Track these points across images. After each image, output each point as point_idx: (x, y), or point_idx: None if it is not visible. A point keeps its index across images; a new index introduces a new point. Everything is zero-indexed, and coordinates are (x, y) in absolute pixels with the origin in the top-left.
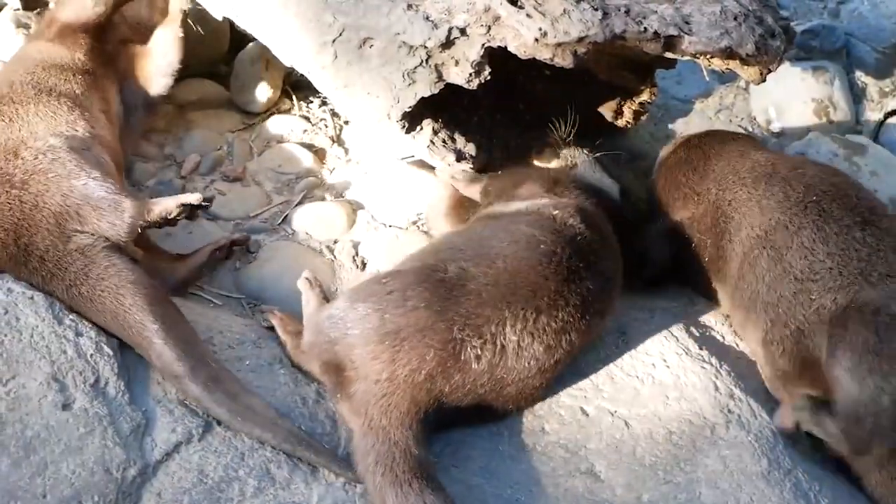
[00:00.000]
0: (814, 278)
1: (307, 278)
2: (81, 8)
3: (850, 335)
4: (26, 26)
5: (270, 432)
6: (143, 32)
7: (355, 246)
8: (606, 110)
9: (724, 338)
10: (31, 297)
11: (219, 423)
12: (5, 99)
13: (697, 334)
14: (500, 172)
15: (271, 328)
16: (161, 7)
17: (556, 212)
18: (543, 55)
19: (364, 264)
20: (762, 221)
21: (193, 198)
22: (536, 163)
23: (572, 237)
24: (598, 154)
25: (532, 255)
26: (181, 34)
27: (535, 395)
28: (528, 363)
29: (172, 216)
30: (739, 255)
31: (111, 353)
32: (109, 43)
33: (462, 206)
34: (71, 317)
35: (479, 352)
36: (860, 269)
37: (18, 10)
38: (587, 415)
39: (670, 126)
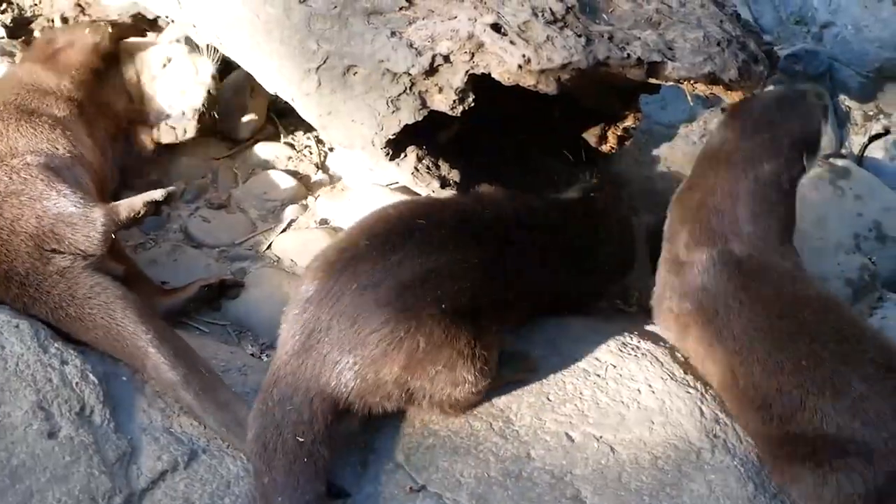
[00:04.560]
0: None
1: None
2: (80, 38)
3: None
4: (11, 54)
5: None
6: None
7: None
8: (591, 136)
9: None
10: (17, 326)
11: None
12: None
13: (682, 359)
14: None
15: (255, 356)
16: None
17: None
18: (527, 82)
19: None
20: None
21: (158, 194)
22: None
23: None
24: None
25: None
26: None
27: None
28: None
29: (141, 215)
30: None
31: (96, 381)
32: (106, 90)
33: None
34: (56, 345)
35: None
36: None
37: (3, 38)
38: (573, 440)
39: (654, 151)
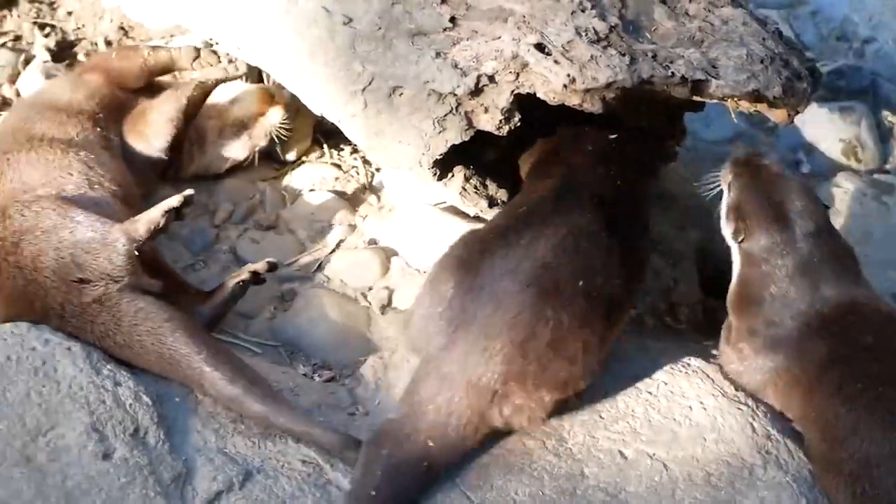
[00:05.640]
0: None
1: None
2: (129, 62)
3: None
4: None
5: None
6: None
7: (390, 293)
8: None
9: None
10: (69, 348)
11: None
12: None
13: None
14: None
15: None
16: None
17: None
18: (572, 101)
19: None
20: None
21: (175, 201)
22: None
23: None
24: None
25: None
26: (182, 104)
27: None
28: None
29: (162, 225)
30: None
31: (150, 402)
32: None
33: None
34: (109, 366)
35: None
36: None
37: (48, 62)
38: (626, 458)
39: (699, 168)
